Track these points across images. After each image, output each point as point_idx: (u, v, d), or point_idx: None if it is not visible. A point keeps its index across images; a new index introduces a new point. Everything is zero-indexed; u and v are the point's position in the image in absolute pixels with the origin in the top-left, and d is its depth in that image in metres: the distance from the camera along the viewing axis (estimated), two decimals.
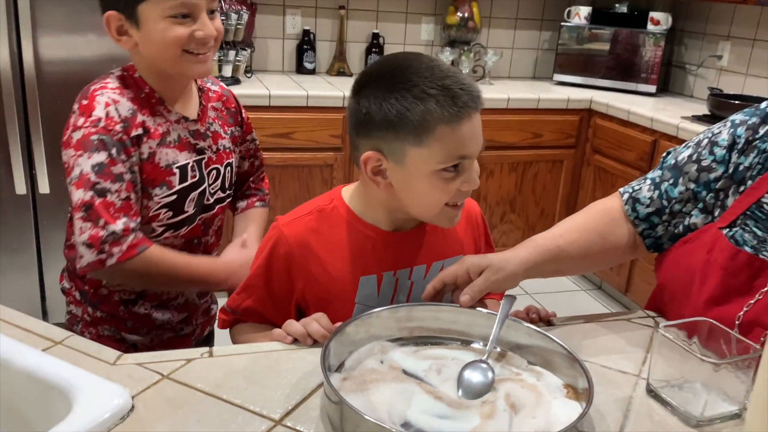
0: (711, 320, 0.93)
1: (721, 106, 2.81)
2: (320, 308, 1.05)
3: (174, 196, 1.27)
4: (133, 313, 1.35)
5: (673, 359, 0.89)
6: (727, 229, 1.04)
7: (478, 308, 1.00)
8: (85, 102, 1.19)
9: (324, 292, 1.08)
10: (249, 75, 3.14)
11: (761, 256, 1.00)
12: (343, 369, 0.90)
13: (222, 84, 1.46)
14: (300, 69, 3.36)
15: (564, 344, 0.91)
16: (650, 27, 3.38)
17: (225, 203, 1.41)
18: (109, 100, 1.19)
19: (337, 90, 2.91)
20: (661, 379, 0.92)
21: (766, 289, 0.98)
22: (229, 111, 1.42)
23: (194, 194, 1.30)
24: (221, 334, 1.51)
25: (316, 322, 1.00)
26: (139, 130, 1.21)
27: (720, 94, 3.01)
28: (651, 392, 0.93)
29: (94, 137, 1.16)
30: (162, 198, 1.25)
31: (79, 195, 1.16)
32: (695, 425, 0.86)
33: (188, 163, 1.29)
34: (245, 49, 3.02)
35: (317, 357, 0.96)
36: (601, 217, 1.16)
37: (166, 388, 0.88)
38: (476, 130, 0.99)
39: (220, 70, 2.91)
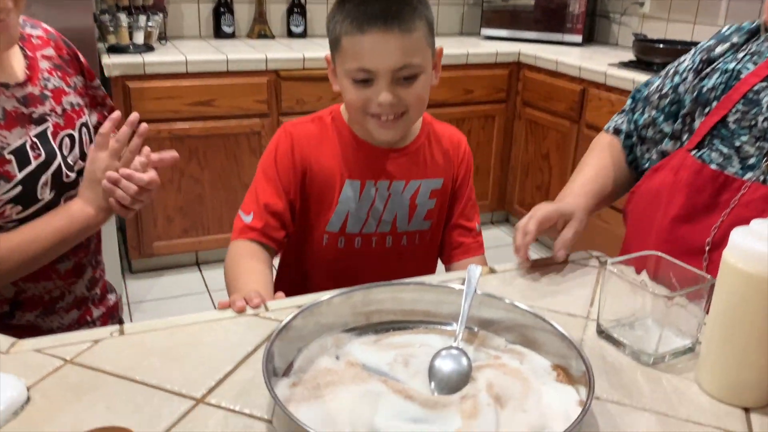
0: (658, 253, 0.89)
1: (646, 51, 2.81)
2: (312, 202, 1.20)
3: (18, 188, 1.03)
4: (12, 328, 1.10)
5: (623, 297, 0.85)
6: (695, 150, 1.05)
7: (444, 284, 0.90)
8: None
9: (316, 186, 1.19)
10: (163, 42, 2.95)
11: (726, 172, 0.99)
12: (291, 372, 0.76)
13: (44, 25, 1.18)
14: (218, 33, 3.18)
15: (550, 321, 0.80)
16: None
17: None
18: None
19: (260, 53, 2.76)
20: (611, 318, 0.87)
21: (731, 206, 0.97)
22: (63, 59, 1.17)
23: (46, 177, 1.07)
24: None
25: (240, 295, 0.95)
26: None
27: (645, 39, 3.01)
28: (602, 333, 0.88)
29: None
30: (3, 195, 1.02)
31: None
32: (649, 363, 0.82)
33: (25, 142, 1.05)
34: (157, 14, 2.83)
35: (241, 327, 0.88)
36: (611, 151, 1.21)
37: (69, 374, 0.77)
38: (382, 48, 1.06)
39: (131, 37, 2.72)
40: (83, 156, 1.15)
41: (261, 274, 1.11)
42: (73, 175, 1.12)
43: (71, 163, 1.12)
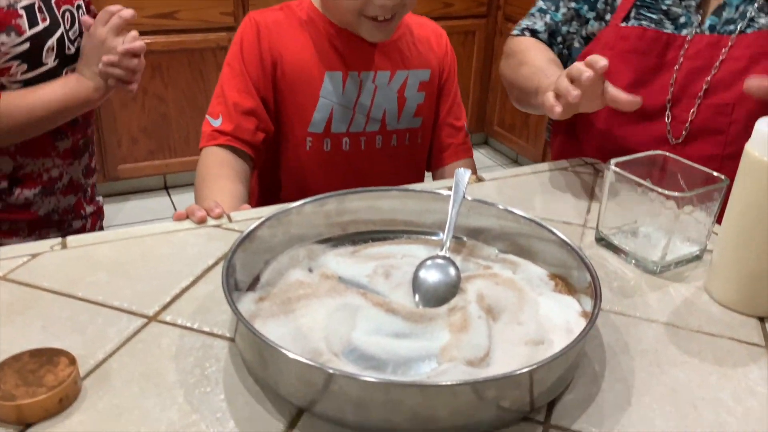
0: (665, 153, 0.80)
1: None
2: (289, 100, 1.08)
3: (26, 44, 1.03)
4: (8, 207, 1.11)
5: (626, 202, 0.76)
6: (624, 23, 1.03)
7: (429, 189, 0.81)
8: None
9: (291, 80, 1.08)
10: None
11: (665, 31, 1.00)
12: (258, 286, 0.68)
13: None
14: None
15: (548, 225, 0.71)
16: None
17: None
18: None
19: None
20: (611, 226, 0.79)
21: (680, 60, 0.97)
22: None
23: (52, 42, 1.07)
24: None
25: (199, 206, 0.85)
26: None
27: None
28: (601, 241, 0.80)
29: None
30: (12, 47, 1.02)
31: None
32: (655, 271, 0.75)
33: (34, 3, 1.05)
34: None
35: (201, 239, 0.79)
36: (544, 49, 1.11)
37: (1, 291, 0.67)
38: None
39: None
40: (82, 34, 1.14)
41: (231, 187, 1.00)
42: (73, 49, 1.13)
43: (72, 37, 1.12)
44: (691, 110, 0.96)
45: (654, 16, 1.01)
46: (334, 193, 0.77)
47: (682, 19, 0.99)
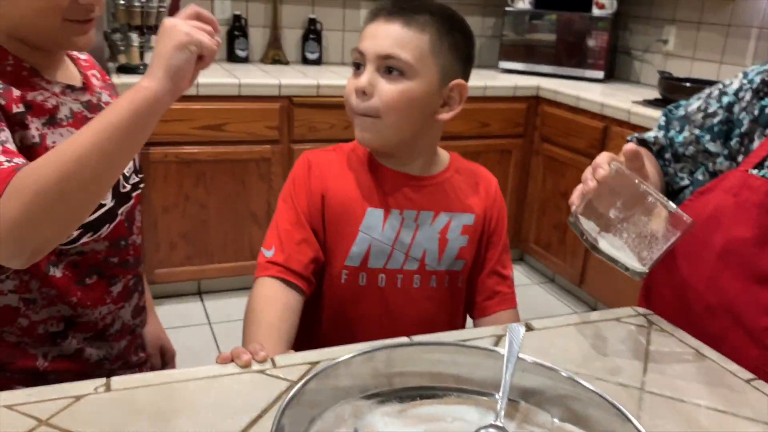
0: None
1: (672, 89, 2.72)
2: (332, 233, 1.10)
3: None
4: (57, 357, 1.02)
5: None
6: (756, 170, 0.96)
7: (480, 345, 0.80)
8: None
9: (335, 213, 1.11)
10: None
11: None
12: None
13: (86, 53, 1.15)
14: (231, 57, 3.11)
15: (605, 395, 0.69)
16: (595, 11, 3.28)
17: (140, 190, 1.14)
18: None
19: (273, 78, 2.68)
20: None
21: None
22: (107, 84, 1.14)
23: None
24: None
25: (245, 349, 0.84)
26: (20, 107, 0.89)
27: (671, 77, 2.92)
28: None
29: None
30: None
31: None
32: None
33: None
34: None
35: (245, 386, 0.77)
36: (649, 158, 1.09)
37: None
38: (379, 33, 1.05)
39: (142, 57, 2.64)
40: (136, 170, 1.13)
41: (279, 326, 1.00)
42: (128, 186, 1.09)
43: (127, 174, 1.09)
44: None
45: None
46: (382, 343, 0.76)
47: None
